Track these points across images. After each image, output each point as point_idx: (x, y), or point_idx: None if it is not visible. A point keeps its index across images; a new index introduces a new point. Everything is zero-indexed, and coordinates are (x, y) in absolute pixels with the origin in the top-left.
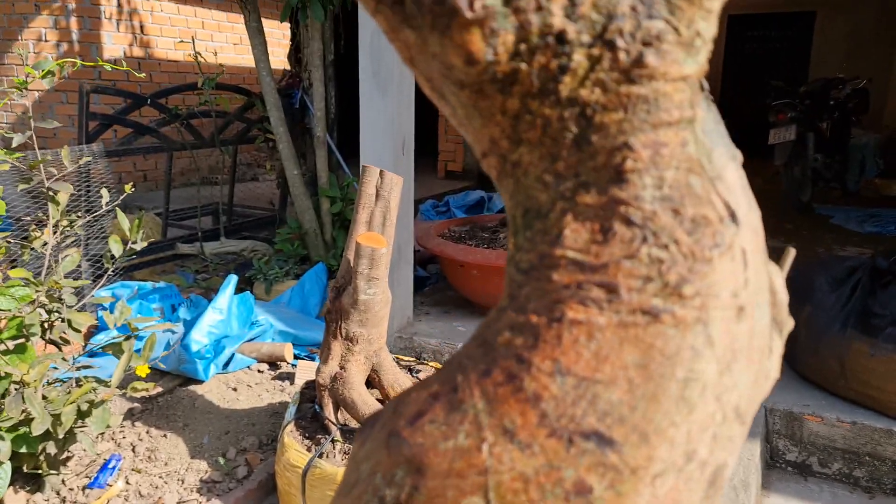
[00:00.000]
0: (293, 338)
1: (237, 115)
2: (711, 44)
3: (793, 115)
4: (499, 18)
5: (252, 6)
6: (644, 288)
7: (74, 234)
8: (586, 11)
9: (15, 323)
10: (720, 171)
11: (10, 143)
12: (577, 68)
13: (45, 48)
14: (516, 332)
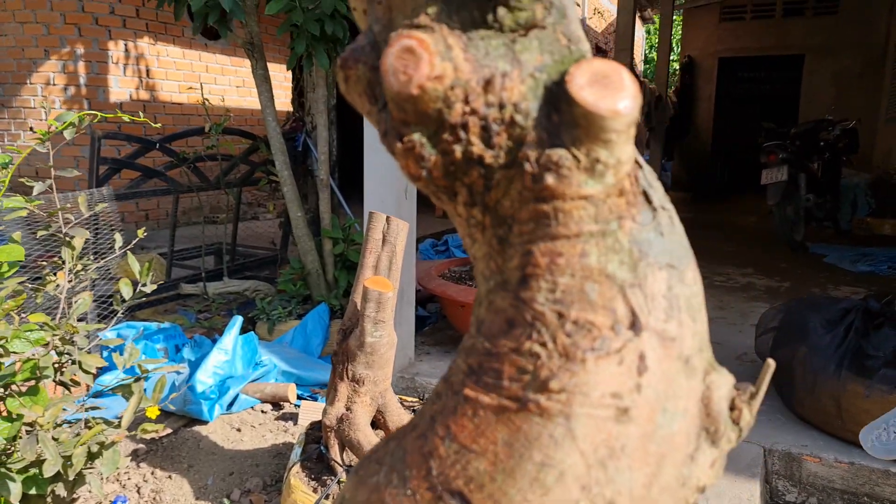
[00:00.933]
0: (296, 378)
1: (242, 158)
2: (626, 165)
3: (784, 156)
4: (426, 147)
5: (259, 55)
6: (520, 377)
7: (88, 277)
8: (501, 141)
9: (29, 365)
10: (642, 279)
11: (31, 190)
12: (498, 185)
13: (53, 91)
14: (436, 396)
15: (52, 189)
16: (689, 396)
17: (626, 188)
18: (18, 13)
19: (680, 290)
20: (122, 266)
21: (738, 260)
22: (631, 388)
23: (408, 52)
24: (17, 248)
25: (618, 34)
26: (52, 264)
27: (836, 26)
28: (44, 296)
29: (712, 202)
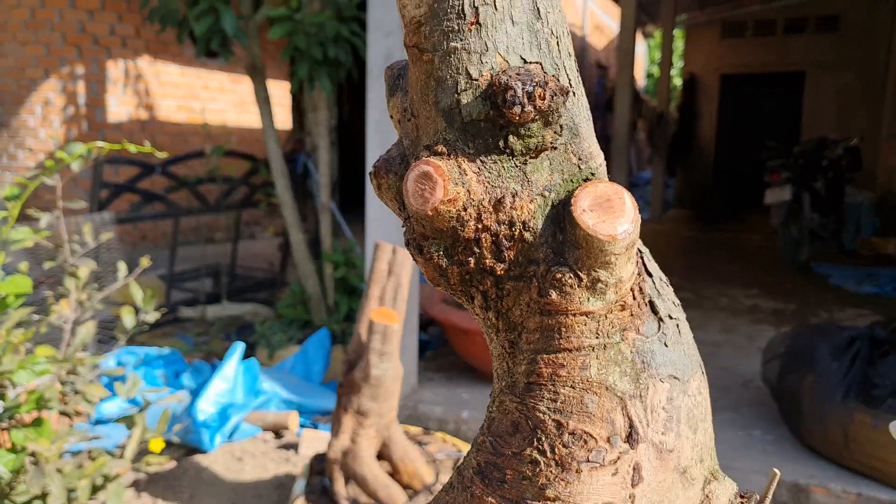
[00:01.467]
0: (297, 406)
1: (242, 180)
2: (627, 282)
3: (788, 175)
4: (443, 258)
5: (260, 78)
6: (520, 483)
7: (92, 308)
8: (511, 255)
9: (34, 397)
10: (643, 390)
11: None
12: (509, 294)
13: (52, 112)
14: (450, 487)
15: (61, 220)
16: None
17: (628, 302)
18: (19, 34)
19: (682, 401)
20: (121, 292)
21: (743, 280)
22: (624, 498)
23: (425, 177)
24: (24, 279)
25: (619, 52)
26: (53, 288)
27: (837, 43)
28: (47, 326)
29: (716, 219)
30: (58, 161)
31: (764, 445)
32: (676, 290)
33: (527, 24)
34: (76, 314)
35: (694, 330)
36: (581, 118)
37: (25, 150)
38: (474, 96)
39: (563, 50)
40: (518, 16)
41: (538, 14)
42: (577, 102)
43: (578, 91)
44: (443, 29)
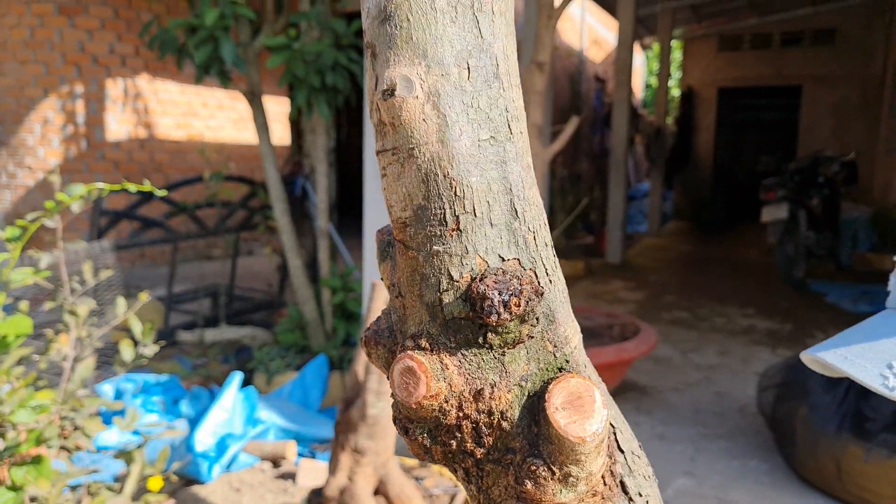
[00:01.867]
0: (295, 434)
1: (241, 204)
2: (598, 474)
3: (783, 193)
4: (427, 439)
5: (258, 104)
6: None
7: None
8: (490, 441)
9: (34, 435)
10: None
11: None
12: (489, 475)
13: (52, 130)
14: None
15: (60, 260)
16: None
17: (599, 489)
18: (19, 53)
19: None
20: (119, 318)
21: (739, 299)
22: None
23: (409, 372)
24: (24, 319)
25: (617, 68)
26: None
27: (833, 57)
28: (47, 362)
29: (713, 232)
30: (58, 203)
31: (759, 476)
32: (673, 310)
33: (505, 224)
34: (76, 351)
35: (690, 352)
36: (557, 303)
37: (25, 169)
38: (455, 296)
39: (541, 242)
40: (497, 218)
41: (516, 214)
42: (554, 288)
43: (555, 276)
44: (426, 233)
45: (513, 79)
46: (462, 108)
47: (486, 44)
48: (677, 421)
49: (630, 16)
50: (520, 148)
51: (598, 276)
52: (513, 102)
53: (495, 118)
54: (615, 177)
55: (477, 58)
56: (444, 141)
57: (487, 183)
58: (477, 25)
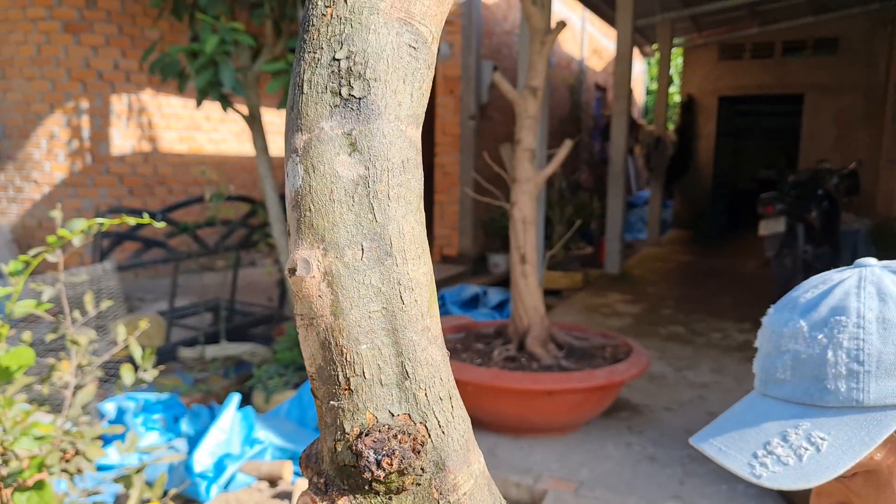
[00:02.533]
0: (292, 454)
1: (241, 222)
2: None
3: (781, 207)
4: None
5: (258, 127)
6: None
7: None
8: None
9: (36, 462)
10: None
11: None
12: None
13: (57, 145)
14: None
15: (62, 293)
16: None
17: None
18: (25, 69)
19: None
20: (123, 330)
21: (736, 314)
22: None
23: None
24: (26, 351)
25: (616, 79)
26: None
27: (836, 66)
28: (50, 388)
29: (712, 241)
30: (60, 238)
31: (746, 501)
32: (669, 324)
33: (396, 383)
34: (77, 379)
35: (684, 369)
36: (450, 451)
37: (31, 183)
38: (345, 447)
39: (433, 397)
40: (387, 379)
41: (406, 375)
42: (448, 439)
43: (450, 427)
44: (326, 388)
45: (409, 254)
46: (354, 285)
47: (381, 226)
48: (668, 442)
49: (628, 28)
50: (412, 315)
51: (596, 287)
52: (406, 275)
53: (387, 291)
54: (614, 188)
55: (371, 239)
56: (336, 314)
57: (378, 348)
58: (372, 210)
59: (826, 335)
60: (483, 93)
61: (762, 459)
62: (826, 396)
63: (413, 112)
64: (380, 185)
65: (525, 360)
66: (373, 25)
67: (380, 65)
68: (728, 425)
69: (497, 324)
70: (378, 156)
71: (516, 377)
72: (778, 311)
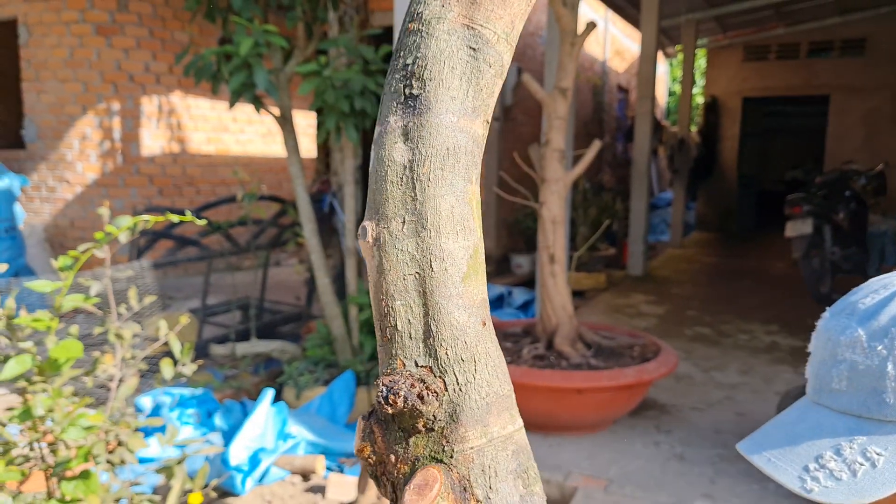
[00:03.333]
0: (323, 449)
1: (272, 221)
2: None
3: (809, 208)
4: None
5: (290, 128)
6: None
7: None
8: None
9: (83, 451)
10: None
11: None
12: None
13: (89, 146)
14: None
15: (108, 288)
16: None
17: None
18: (59, 72)
19: None
20: (157, 326)
21: (763, 315)
22: None
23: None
24: (75, 343)
25: (639, 81)
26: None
27: (863, 67)
28: (94, 380)
29: (737, 243)
30: (107, 234)
31: (778, 500)
32: (695, 325)
33: (422, 339)
34: (121, 372)
35: (711, 370)
36: (466, 409)
37: (64, 183)
38: (381, 385)
39: (454, 356)
40: (415, 334)
41: (430, 333)
42: (465, 396)
43: (470, 386)
44: (379, 333)
45: (444, 229)
46: (394, 251)
47: (420, 203)
48: (697, 441)
49: (653, 29)
50: (441, 281)
51: (620, 288)
52: (439, 247)
53: (420, 259)
54: (637, 189)
55: (411, 213)
56: (380, 273)
57: (409, 306)
58: (413, 190)
59: (886, 346)
60: (508, 95)
61: (814, 473)
62: (884, 410)
63: (470, 106)
64: (422, 168)
65: (554, 358)
66: (437, 33)
67: (436, 66)
68: (778, 435)
69: (525, 323)
70: (424, 144)
71: (546, 375)
72: (834, 315)
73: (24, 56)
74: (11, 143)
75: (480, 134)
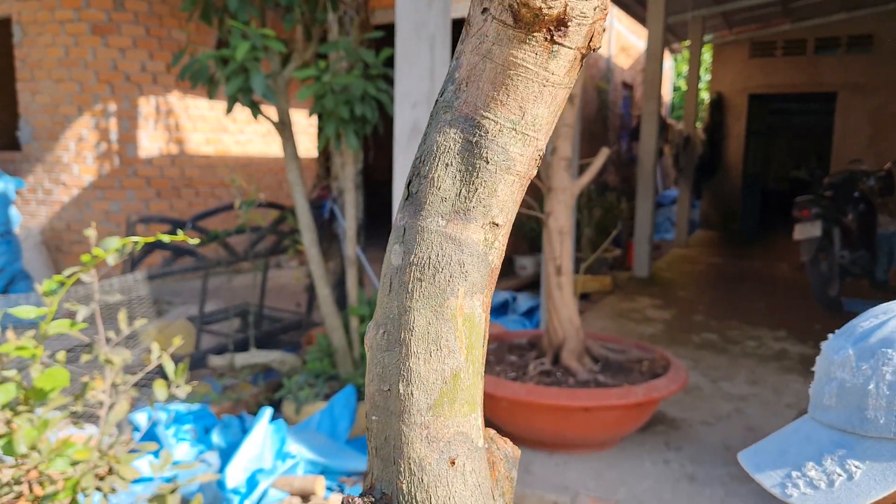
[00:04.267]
0: (323, 468)
1: (270, 229)
2: None
3: (817, 211)
4: None
5: (288, 134)
6: None
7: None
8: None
9: (71, 483)
10: None
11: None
12: None
13: (86, 148)
14: None
15: (96, 313)
16: None
17: None
18: (54, 71)
19: None
20: (153, 335)
21: (770, 320)
22: None
23: None
24: (61, 372)
25: (646, 80)
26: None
27: (870, 64)
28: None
29: (742, 242)
30: (94, 257)
31: None
32: (702, 331)
33: (390, 463)
34: (111, 399)
35: (720, 380)
36: None
37: (60, 186)
38: None
39: (410, 492)
40: (384, 456)
41: (393, 461)
42: None
43: None
44: None
45: (416, 347)
46: (372, 362)
47: (400, 314)
48: (707, 459)
49: (660, 27)
50: (404, 406)
51: (626, 291)
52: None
53: (389, 378)
54: (643, 190)
55: (392, 324)
56: (366, 382)
57: (382, 425)
58: (398, 298)
59: (871, 366)
60: None
61: (795, 480)
62: (866, 426)
63: (462, 208)
64: (405, 276)
65: (561, 374)
66: (440, 124)
67: (431, 163)
68: (773, 444)
69: (530, 334)
70: (409, 249)
71: (552, 393)
72: (836, 337)
73: (19, 55)
74: (6, 144)
75: (476, 240)
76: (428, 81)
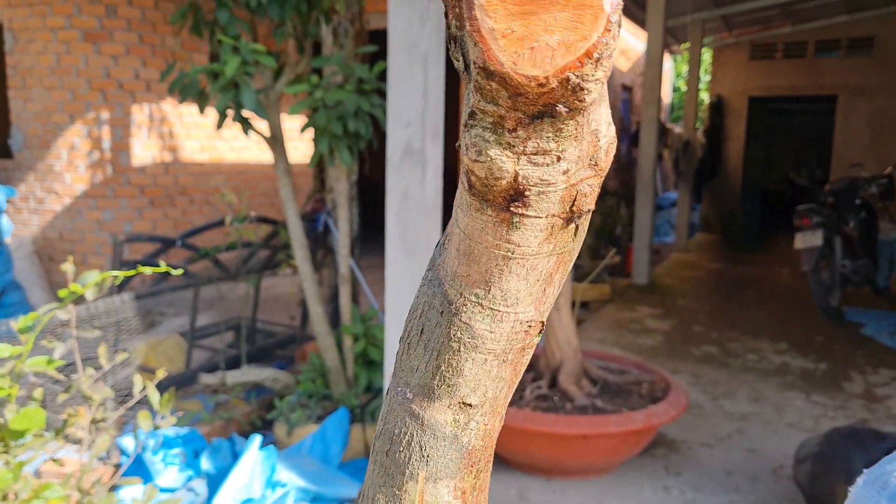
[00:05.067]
0: (314, 496)
1: (262, 244)
2: None
3: (818, 220)
4: None
5: (280, 149)
6: None
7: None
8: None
9: None
10: None
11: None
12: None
13: (78, 156)
14: None
15: (74, 349)
16: None
17: None
18: (45, 79)
19: None
20: (144, 353)
21: (771, 332)
22: None
23: None
24: (37, 412)
25: (645, 85)
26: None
27: (871, 66)
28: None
29: (742, 246)
30: (72, 293)
31: None
32: (702, 343)
33: None
34: (92, 436)
35: (720, 398)
36: None
37: (52, 195)
38: None
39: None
40: None
41: None
42: None
43: None
44: None
45: None
46: None
47: None
48: (708, 485)
49: (660, 30)
50: None
51: (625, 299)
52: None
53: None
54: (643, 196)
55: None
56: None
57: None
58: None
59: None
60: None
61: None
62: None
63: (428, 384)
64: (376, 444)
65: (558, 398)
66: (424, 282)
67: (410, 323)
68: None
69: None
70: (384, 419)
71: (549, 420)
72: (867, 485)
73: (10, 63)
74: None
75: (442, 421)
76: (421, 100)
